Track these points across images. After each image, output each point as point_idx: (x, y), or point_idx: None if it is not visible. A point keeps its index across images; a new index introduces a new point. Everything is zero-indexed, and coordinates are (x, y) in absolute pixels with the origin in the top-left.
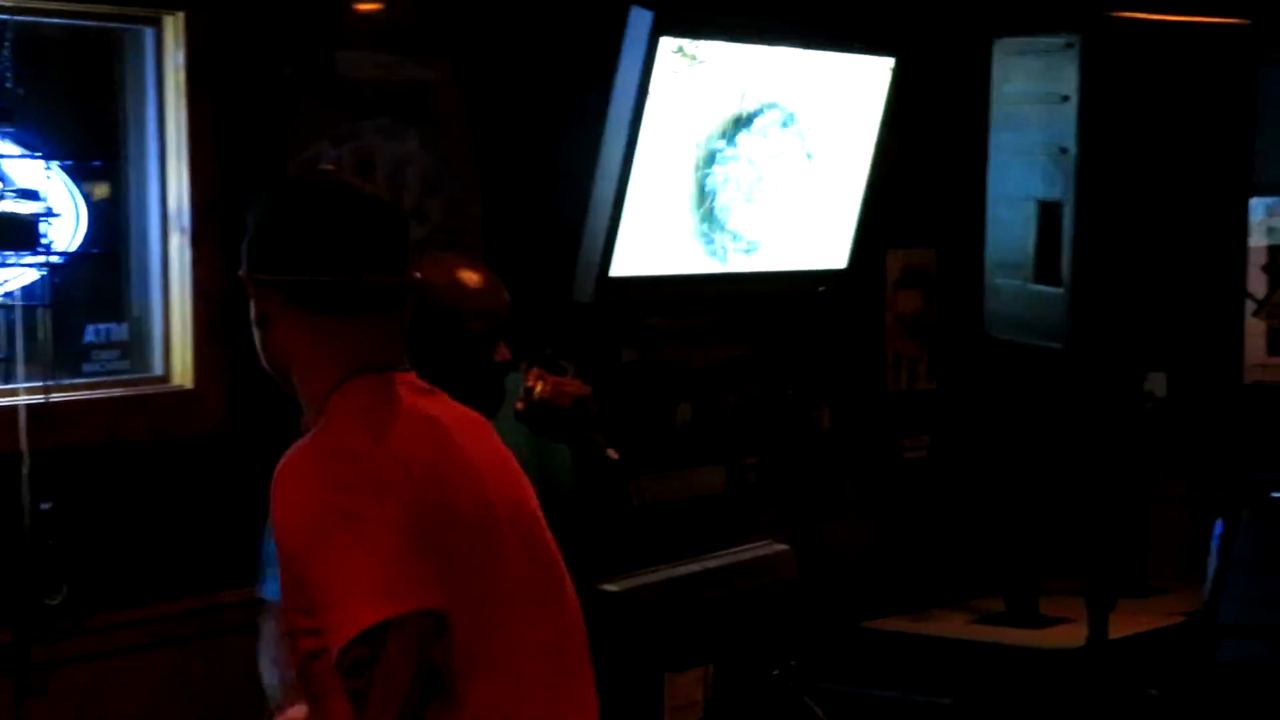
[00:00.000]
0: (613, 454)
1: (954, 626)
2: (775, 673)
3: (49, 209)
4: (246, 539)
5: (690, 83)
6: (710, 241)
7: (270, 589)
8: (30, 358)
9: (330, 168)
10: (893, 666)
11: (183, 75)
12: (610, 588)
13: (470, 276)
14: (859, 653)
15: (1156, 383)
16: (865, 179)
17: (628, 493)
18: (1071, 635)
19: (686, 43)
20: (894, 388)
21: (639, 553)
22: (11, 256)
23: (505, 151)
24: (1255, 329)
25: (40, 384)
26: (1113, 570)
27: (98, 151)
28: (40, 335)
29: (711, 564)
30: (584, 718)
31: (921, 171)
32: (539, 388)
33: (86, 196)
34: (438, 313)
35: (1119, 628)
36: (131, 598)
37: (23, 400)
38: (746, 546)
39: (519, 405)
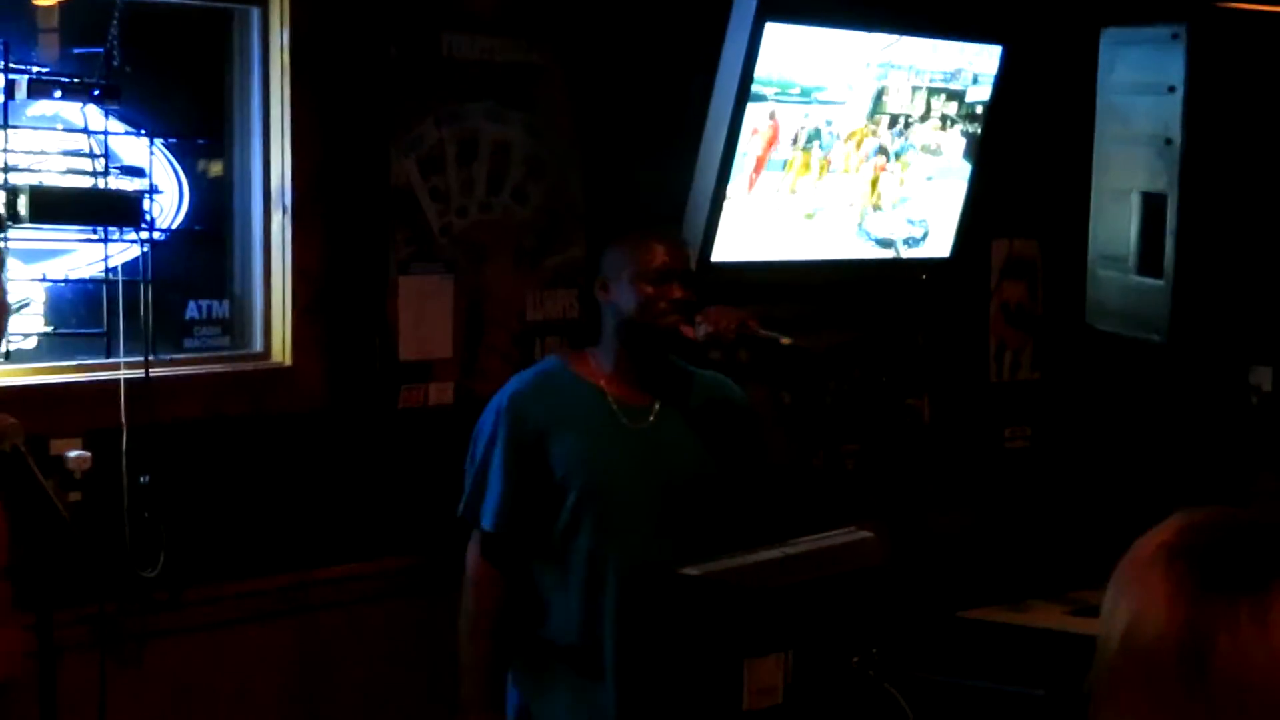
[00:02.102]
0: (786, 340)
1: (1051, 618)
2: (855, 660)
3: (152, 186)
4: (341, 516)
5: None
6: (815, 225)
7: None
8: (131, 333)
9: None
10: (988, 657)
11: (287, 55)
12: (691, 572)
13: (636, 238)
14: (954, 642)
15: (1262, 377)
16: (970, 168)
17: (811, 354)
18: None
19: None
20: (996, 378)
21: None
22: (115, 233)
23: (607, 135)
24: None
25: (140, 359)
26: None
27: (202, 130)
28: (141, 311)
29: (793, 550)
30: None
31: (1027, 161)
32: (704, 320)
33: (196, 174)
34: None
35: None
36: (226, 572)
37: (123, 374)
38: (830, 533)
39: (692, 334)
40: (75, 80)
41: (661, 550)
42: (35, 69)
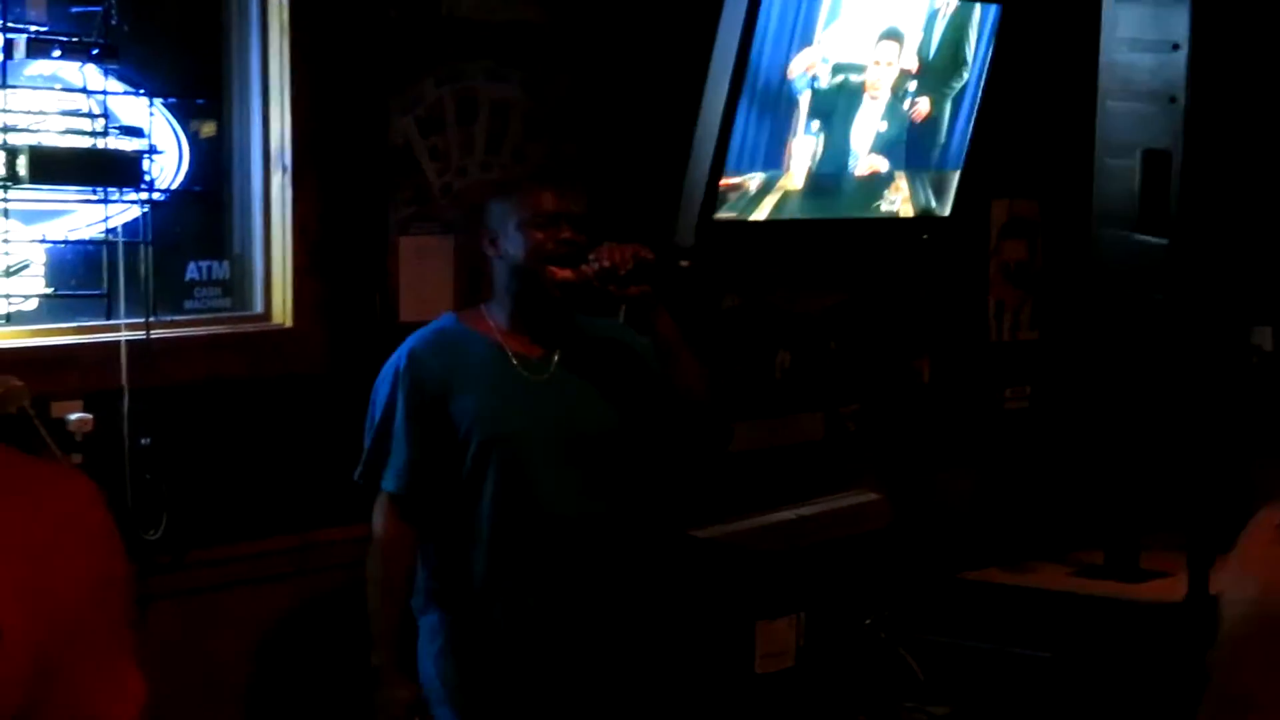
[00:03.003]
0: (684, 264)
1: (1053, 579)
2: (867, 622)
3: (152, 146)
4: (343, 478)
5: None
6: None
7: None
8: (131, 294)
9: None
10: (991, 618)
11: (286, 13)
12: (702, 535)
13: (521, 187)
14: (957, 604)
15: (1263, 337)
16: (970, 126)
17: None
18: (1171, 590)
19: None
20: (996, 337)
21: (735, 498)
22: (114, 193)
23: (606, 94)
24: None
25: (141, 320)
26: (1214, 525)
27: (201, 89)
28: (141, 272)
29: (805, 512)
30: None
31: (1028, 120)
32: (598, 257)
33: (192, 134)
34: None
35: (1219, 583)
36: (228, 534)
37: (124, 336)
38: (840, 495)
39: (590, 272)
40: (74, 39)
41: (568, 502)
42: (34, 28)
